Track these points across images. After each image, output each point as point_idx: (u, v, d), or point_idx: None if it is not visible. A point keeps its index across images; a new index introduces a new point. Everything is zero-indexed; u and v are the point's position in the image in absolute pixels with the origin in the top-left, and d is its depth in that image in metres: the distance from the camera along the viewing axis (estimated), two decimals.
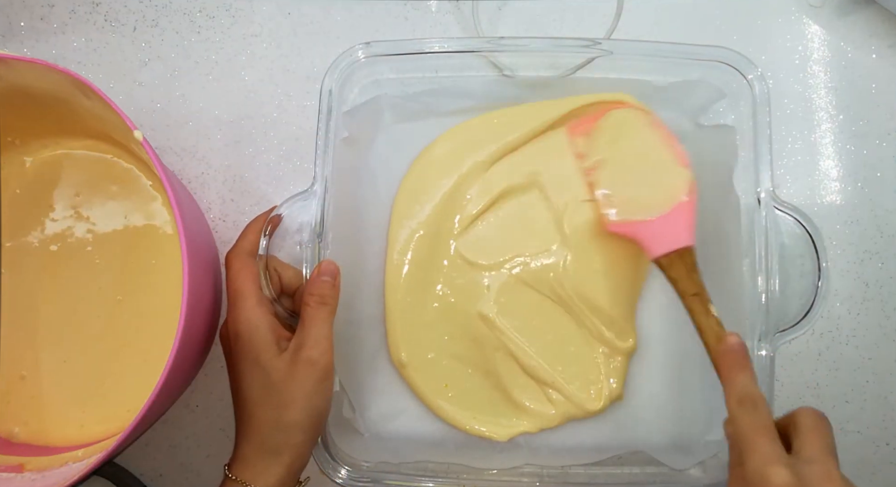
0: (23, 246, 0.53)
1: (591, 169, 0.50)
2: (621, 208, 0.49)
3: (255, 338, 0.44)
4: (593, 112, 0.53)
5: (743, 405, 0.40)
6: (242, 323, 0.44)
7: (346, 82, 0.51)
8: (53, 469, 0.46)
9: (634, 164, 0.50)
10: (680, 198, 0.48)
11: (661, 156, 0.50)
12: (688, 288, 0.46)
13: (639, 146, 0.50)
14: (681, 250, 0.47)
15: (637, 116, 0.51)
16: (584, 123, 0.53)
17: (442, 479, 0.50)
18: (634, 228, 0.48)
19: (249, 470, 0.43)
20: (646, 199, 0.49)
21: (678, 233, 0.47)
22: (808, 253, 0.49)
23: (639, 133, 0.51)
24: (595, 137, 0.51)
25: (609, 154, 0.50)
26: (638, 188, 0.49)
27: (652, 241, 0.48)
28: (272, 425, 0.44)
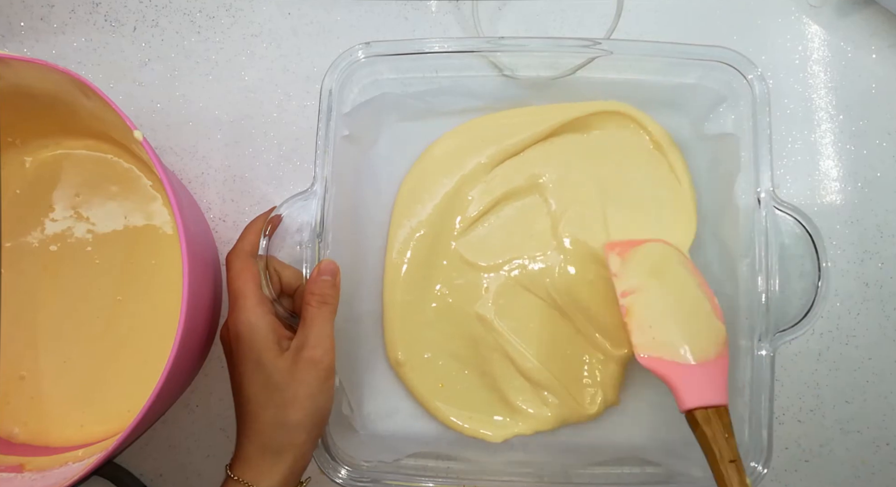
0: (23, 246, 0.53)
1: (625, 293, 0.47)
2: (656, 342, 0.45)
3: (256, 338, 0.44)
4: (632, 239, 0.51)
5: None
6: (244, 324, 0.44)
7: (346, 82, 0.51)
8: (53, 469, 0.46)
9: (673, 304, 0.46)
10: (714, 352, 0.45)
11: (700, 305, 0.47)
12: (725, 453, 0.42)
13: (678, 287, 0.47)
14: (719, 408, 0.43)
15: (677, 256, 0.49)
16: (622, 245, 0.50)
17: (442, 479, 0.50)
18: (670, 369, 0.44)
19: (252, 471, 0.43)
20: (681, 341, 0.45)
21: (716, 387, 0.44)
22: (808, 253, 0.49)
23: (679, 274, 0.48)
24: (633, 261, 0.49)
25: (647, 285, 0.47)
26: (675, 329, 0.45)
27: (688, 390, 0.44)
28: (275, 425, 0.43)
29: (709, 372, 0.44)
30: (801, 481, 0.55)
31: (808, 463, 0.55)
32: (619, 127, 0.54)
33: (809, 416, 0.55)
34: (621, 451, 0.53)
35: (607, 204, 0.54)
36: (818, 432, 0.55)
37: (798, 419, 0.55)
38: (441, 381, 0.53)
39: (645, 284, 0.47)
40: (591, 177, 0.54)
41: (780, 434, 0.55)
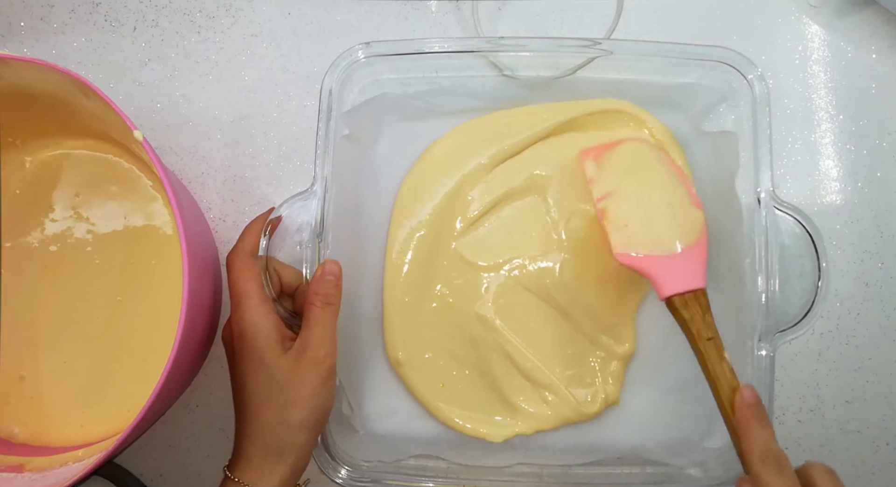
0: (23, 246, 0.53)
1: (601, 197, 0.48)
2: (633, 241, 0.47)
3: (259, 338, 0.44)
4: (607, 140, 0.52)
5: (768, 465, 0.39)
6: (247, 323, 0.44)
7: (346, 82, 0.51)
8: (53, 469, 0.46)
9: (648, 199, 0.48)
10: (693, 238, 0.46)
11: (675, 195, 0.48)
12: (702, 332, 0.44)
13: (653, 181, 0.49)
14: (696, 291, 0.45)
15: (651, 151, 0.50)
16: (596, 149, 0.51)
17: (442, 479, 0.50)
18: (647, 263, 0.46)
19: (253, 471, 0.43)
20: (659, 236, 0.46)
21: (693, 273, 0.45)
22: (808, 253, 0.49)
23: (653, 168, 0.49)
24: (607, 166, 0.50)
25: (622, 185, 0.48)
26: (651, 223, 0.47)
27: (665, 279, 0.45)
28: (277, 425, 0.43)
29: (686, 259, 0.46)
30: None
31: None
32: (620, 125, 0.54)
33: (809, 416, 0.55)
34: (621, 451, 0.53)
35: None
36: (818, 432, 0.55)
37: (798, 419, 0.55)
38: (441, 381, 0.53)
39: (620, 185, 0.48)
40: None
41: (780, 434, 0.55)
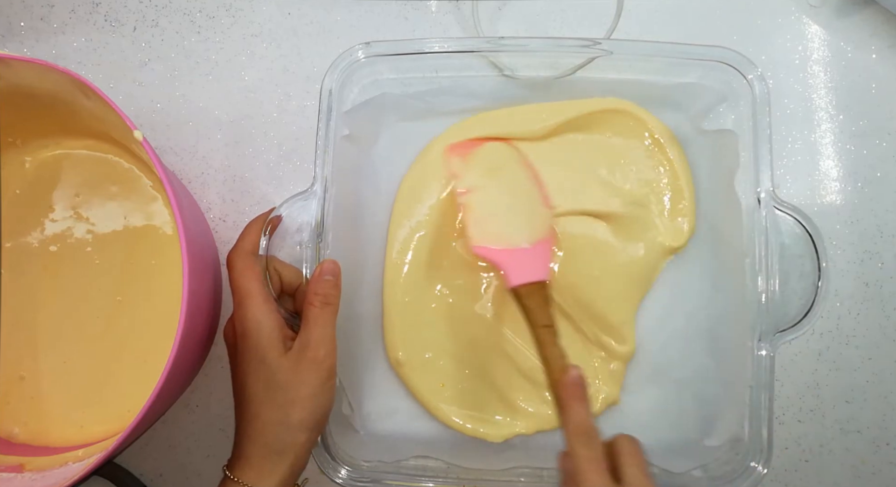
0: (22, 246, 0.53)
1: (464, 192, 0.52)
2: (488, 234, 0.51)
3: (262, 336, 0.44)
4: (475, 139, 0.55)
5: (579, 437, 0.41)
6: (250, 321, 0.44)
7: (346, 82, 0.51)
8: (53, 469, 0.46)
9: (505, 198, 0.52)
10: (542, 235, 0.51)
11: (529, 195, 0.52)
12: (539, 319, 0.47)
13: (511, 182, 0.52)
14: (539, 283, 0.49)
15: (512, 154, 0.53)
16: (462, 146, 0.54)
17: (442, 479, 0.50)
18: (498, 256, 0.50)
19: (253, 471, 0.43)
20: (511, 232, 0.51)
21: (537, 266, 0.50)
22: (808, 253, 0.49)
23: (512, 170, 0.53)
24: (472, 163, 0.53)
25: (483, 183, 0.52)
26: (505, 219, 0.51)
27: (513, 271, 0.49)
28: (277, 425, 0.43)
29: (533, 254, 0.50)
30: (801, 481, 0.55)
31: (808, 463, 0.55)
32: (620, 124, 0.54)
33: (809, 416, 0.55)
34: None
35: (607, 201, 0.54)
36: (818, 432, 0.55)
37: (798, 419, 0.55)
38: (441, 381, 0.53)
39: (482, 183, 0.52)
40: (591, 174, 0.54)
41: (780, 434, 0.55)
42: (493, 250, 0.50)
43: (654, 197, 0.54)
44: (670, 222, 0.54)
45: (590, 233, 0.54)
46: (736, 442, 0.50)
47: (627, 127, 0.54)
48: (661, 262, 0.54)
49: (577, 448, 0.41)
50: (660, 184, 0.54)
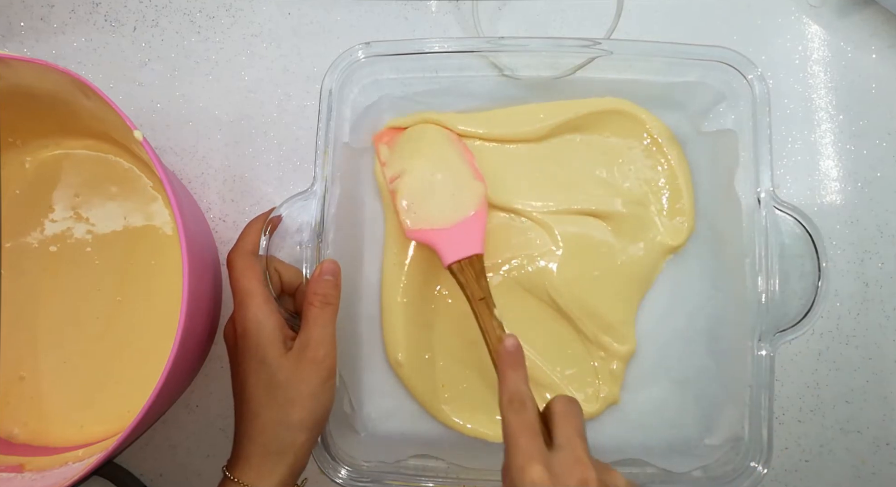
0: (22, 246, 0.53)
1: (393, 178, 0.51)
2: (419, 217, 0.50)
3: (262, 336, 0.44)
4: None
5: (512, 404, 0.41)
6: (251, 321, 0.44)
7: (346, 82, 0.51)
8: (53, 469, 0.46)
9: (431, 177, 0.51)
10: (472, 209, 0.50)
11: (458, 170, 0.51)
12: (475, 293, 0.47)
13: (437, 160, 0.51)
14: (472, 257, 0.48)
15: (437, 132, 0.53)
16: (389, 133, 0.54)
17: (442, 479, 0.50)
18: (430, 236, 0.50)
19: (253, 472, 0.43)
20: (441, 210, 0.50)
21: (470, 241, 0.49)
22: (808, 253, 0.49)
23: (438, 147, 0.52)
24: (397, 148, 0.53)
25: (410, 165, 0.51)
26: (435, 199, 0.50)
27: (446, 249, 0.49)
28: (278, 425, 0.43)
29: (465, 229, 0.49)
30: (801, 481, 0.55)
31: (808, 463, 0.55)
32: (619, 124, 0.54)
33: (809, 416, 0.55)
34: (622, 450, 0.53)
35: (607, 201, 0.54)
36: (818, 432, 0.55)
37: (798, 419, 0.55)
38: (441, 381, 0.53)
39: (409, 165, 0.51)
40: (590, 174, 0.54)
41: (780, 434, 0.55)
42: (425, 231, 0.50)
43: (654, 196, 0.54)
44: (669, 221, 0.54)
45: (589, 232, 0.54)
46: (736, 442, 0.50)
47: (626, 127, 0.54)
48: (661, 262, 0.54)
49: (509, 415, 0.41)
50: (659, 184, 0.54)
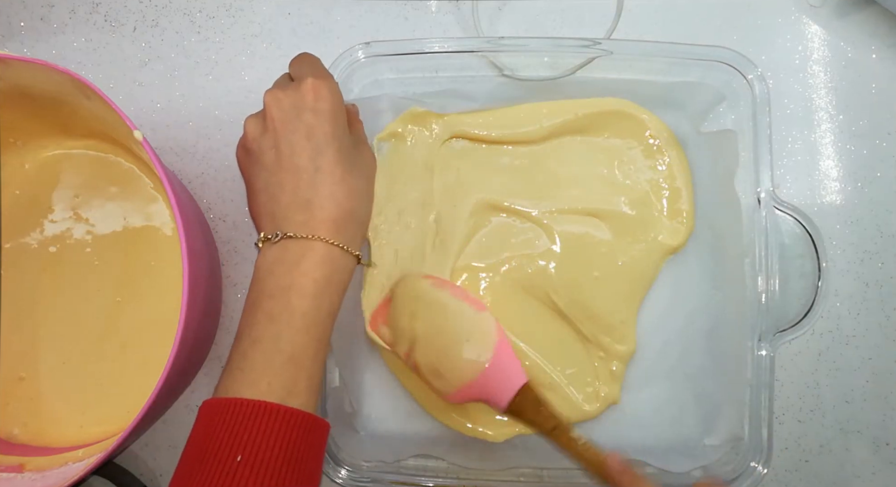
0: (22, 247, 0.53)
1: (407, 354, 0.48)
2: (452, 378, 0.46)
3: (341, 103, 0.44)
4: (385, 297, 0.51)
5: None
6: (336, 93, 0.44)
7: (347, 82, 0.51)
8: (53, 469, 0.47)
9: (440, 332, 0.47)
10: (492, 343, 0.46)
11: (459, 311, 0.47)
12: (544, 425, 0.44)
13: (436, 312, 0.47)
14: (521, 390, 0.44)
15: (418, 283, 0.49)
16: (380, 310, 0.50)
17: (442, 479, 0.50)
18: (472, 392, 0.45)
19: (341, 235, 0.42)
20: (466, 360, 0.45)
21: (510, 375, 0.45)
22: (808, 253, 0.49)
23: (426, 299, 0.48)
24: (393, 323, 0.49)
25: (414, 333, 0.47)
26: (454, 353, 0.46)
27: (494, 395, 0.45)
28: (364, 195, 0.45)
29: (498, 364, 0.45)
30: (801, 481, 0.55)
31: (808, 463, 0.55)
32: (619, 124, 0.54)
33: (809, 416, 0.55)
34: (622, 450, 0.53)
35: (607, 201, 0.54)
36: (818, 432, 0.55)
37: (798, 419, 0.55)
38: None
39: (413, 335, 0.47)
40: (590, 174, 0.54)
41: (780, 434, 0.55)
42: (464, 389, 0.45)
43: (654, 196, 0.54)
44: (669, 222, 0.54)
45: (589, 232, 0.54)
46: (736, 442, 0.50)
47: (627, 127, 0.54)
48: (661, 262, 0.54)
49: None
50: (659, 184, 0.54)
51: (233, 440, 0.37)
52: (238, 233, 0.57)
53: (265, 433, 0.37)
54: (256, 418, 0.37)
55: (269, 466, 0.37)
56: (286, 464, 0.37)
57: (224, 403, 0.38)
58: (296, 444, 0.38)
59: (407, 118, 0.53)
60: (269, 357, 0.39)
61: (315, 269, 0.41)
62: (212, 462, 0.36)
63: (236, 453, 0.37)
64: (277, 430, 0.37)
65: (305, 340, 0.40)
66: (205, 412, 0.39)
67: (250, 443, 0.37)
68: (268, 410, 0.38)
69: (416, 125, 0.54)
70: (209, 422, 0.38)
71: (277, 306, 0.40)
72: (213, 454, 0.37)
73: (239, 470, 0.36)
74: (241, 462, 0.36)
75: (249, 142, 0.44)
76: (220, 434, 0.37)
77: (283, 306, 0.40)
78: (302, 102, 0.43)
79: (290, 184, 0.42)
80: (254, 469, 0.36)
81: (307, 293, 0.41)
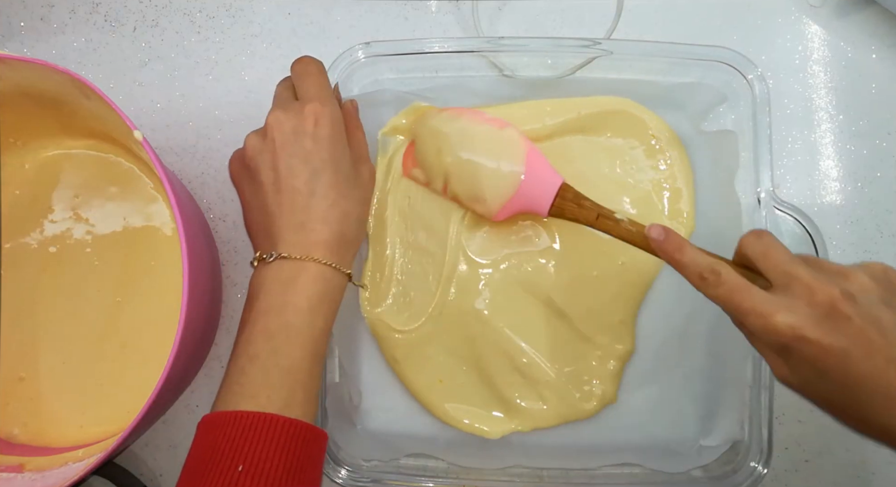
0: (22, 247, 0.53)
1: (444, 188, 0.51)
2: (493, 199, 0.49)
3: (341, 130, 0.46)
4: None
5: (706, 281, 0.39)
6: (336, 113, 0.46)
7: (347, 82, 0.51)
8: (53, 469, 0.47)
9: (470, 158, 0.49)
10: (521, 153, 0.48)
11: (483, 133, 0.49)
12: (589, 216, 0.47)
13: (460, 141, 0.49)
14: (559, 191, 0.47)
15: (436, 120, 0.51)
16: (408, 155, 0.53)
17: (442, 479, 0.50)
18: (514, 206, 0.49)
19: (333, 255, 0.44)
20: (500, 178, 0.48)
21: (546, 180, 0.48)
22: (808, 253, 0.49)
23: (450, 131, 0.50)
24: (423, 160, 0.52)
25: (446, 166, 0.50)
26: (489, 172, 0.48)
27: (535, 203, 0.48)
28: (356, 218, 0.46)
29: (532, 173, 0.48)
30: (801, 481, 0.55)
31: (808, 463, 0.55)
32: (620, 123, 0.54)
33: (809, 416, 0.55)
34: (620, 450, 0.53)
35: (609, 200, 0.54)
36: (818, 432, 0.55)
37: (798, 419, 0.55)
38: (439, 378, 0.53)
39: (445, 169, 0.50)
40: (591, 173, 0.54)
41: (780, 434, 0.55)
42: (507, 206, 0.49)
43: (655, 196, 0.54)
44: (670, 221, 0.54)
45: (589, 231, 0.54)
46: (736, 442, 0.50)
47: (629, 126, 0.54)
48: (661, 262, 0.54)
49: (712, 290, 0.39)
50: (660, 184, 0.54)
51: (234, 451, 0.38)
52: (238, 233, 0.57)
53: (266, 443, 0.38)
54: (257, 429, 0.38)
55: (270, 476, 0.38)
56: (286, 474, 0.38)
57: (224, 416, 0.39)
58: (296, 454, 0.39)
59: (410, 113, 0.53)
60: (267, 371, 0.41)
61: (309, 287, 0.43)
62: (214, 472, 0.37)
63: (237, 463, 0.37)
64: (278, 440, 0.39)
65: (301, 355, 0.42)
66: (204, 426, 0.40)
67: (251, 453, 0.38)
68: (268, 421, 0.39)
69: None
70: (210, 435, 0.39)
71: (274, 323, 0.42)
72: (215, 465, 0.38)
73: (240, 480, 0.37)
74: (243, 473, 0.37)
75: (248, 159, 0.46)
76: (221, 445, 0.38)
77: (280, 323, 0.42)
78: (302, 128, 0.44)
79: (286, 206, 0.44)
80: (255, 479, 0.37)
81: (302, 310, 0.42)
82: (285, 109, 0.45)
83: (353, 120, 0.49)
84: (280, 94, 0.48)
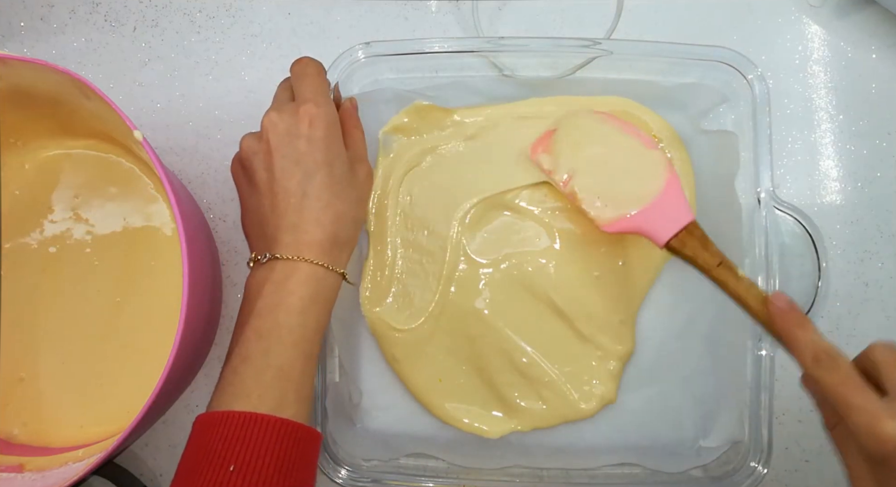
0: (22, 247, 0.53)
1: (566, 181, 0.49)
2: (613, 208, 0.48)
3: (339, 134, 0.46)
4: None
5: (820, 363, 0.38)
6: (332, 115, 0.46)
7: (346, 82, 0.51)
8: (53, 469, 0.47)
9: (605, 164, 0.49)
10: (662, 179, 0.47)
11: (628, 146, 0.49)
12: (709, 262, 0.45)
13: (602, 145, 0.49)
14: (688, 226, 0.46)
15: (588, 118, 0.51)
16: (541, 141, 0.52)
17: (442, 479, 0.50)
18: (633, 222, 0.47)
19: (326, 256, 0.44)
20: (630, 192, 0.48)
21: (677, 210, 0.46)
22: (808, 253, 0.49)
23: (597, 133, 0.50)
24: (556, 151, 0.50)
25: (577, 161, 0.49)
26: (619, 183, 0.48)
27: (655, 229, 0.47)
28: (352, 219, 0.46)
29: (665, 200, 0.47)
30: (802, 481, 0.55)
31: (809, 463, 0.55)
32: None
33: (809, 416, 0.55)
34: (620, 450, 0.53)
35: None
36: (818, 432, 0.55)
37: (798, 419, 0.55)
38: (439, 377, 0.53)
39: (575, 163, 0.49)
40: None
41: (780, 434, 0.55)
42: (625, 219, 0.47)
43: None
44: None
45: (590, 231, 0.54)
46: (736, 442, 0.50)
47: None
48: (661, 262, 0.54)
49: (823, 374, 0.38)
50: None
51: (226, 450, 0.38)
52: (238, 233, 0.57)
53: (257, 443, 0.38)
54: (248, 429, 0.39)
55: (262, 475, 0.38)
56: (277, 473, 0.38)
57: (217, 416, 0.40)
58: (287, 453, 0.39)
59: (411, 111, 0.53)
60: (259, 372, 0.41)
61: (301, 288, 0.43)
62: (206, 472, 0.37)
63: (229, 463, 0.38)
64: (269, 440, 0.39)
65: (293, 355, 0.42)
66: (198, 426, 0.41)
67: (243, 453, 0.38)
68: (259, 421, 0.39)
69: (421, 119, 0.54)
70: (203, 435, 0.40)
71: (265, 324, 0.42)
72: (207, 464, 0.38)
73: (232, 480, 0.37)
74: (234, 472, 0.37)
75: (244, 160, 0.46)
76: (213, 445, 0.38)
77: (271, 323, 0.42)
78: (297, 130, 0.45)
79: (280, 207, 0.44)
80: (246, 478, 0.37)
81: (294, 310, 0.42)
82: (280, 111, 0.45)
83: (351, 119, 0.49)
84: (278, 96, 0.48)
